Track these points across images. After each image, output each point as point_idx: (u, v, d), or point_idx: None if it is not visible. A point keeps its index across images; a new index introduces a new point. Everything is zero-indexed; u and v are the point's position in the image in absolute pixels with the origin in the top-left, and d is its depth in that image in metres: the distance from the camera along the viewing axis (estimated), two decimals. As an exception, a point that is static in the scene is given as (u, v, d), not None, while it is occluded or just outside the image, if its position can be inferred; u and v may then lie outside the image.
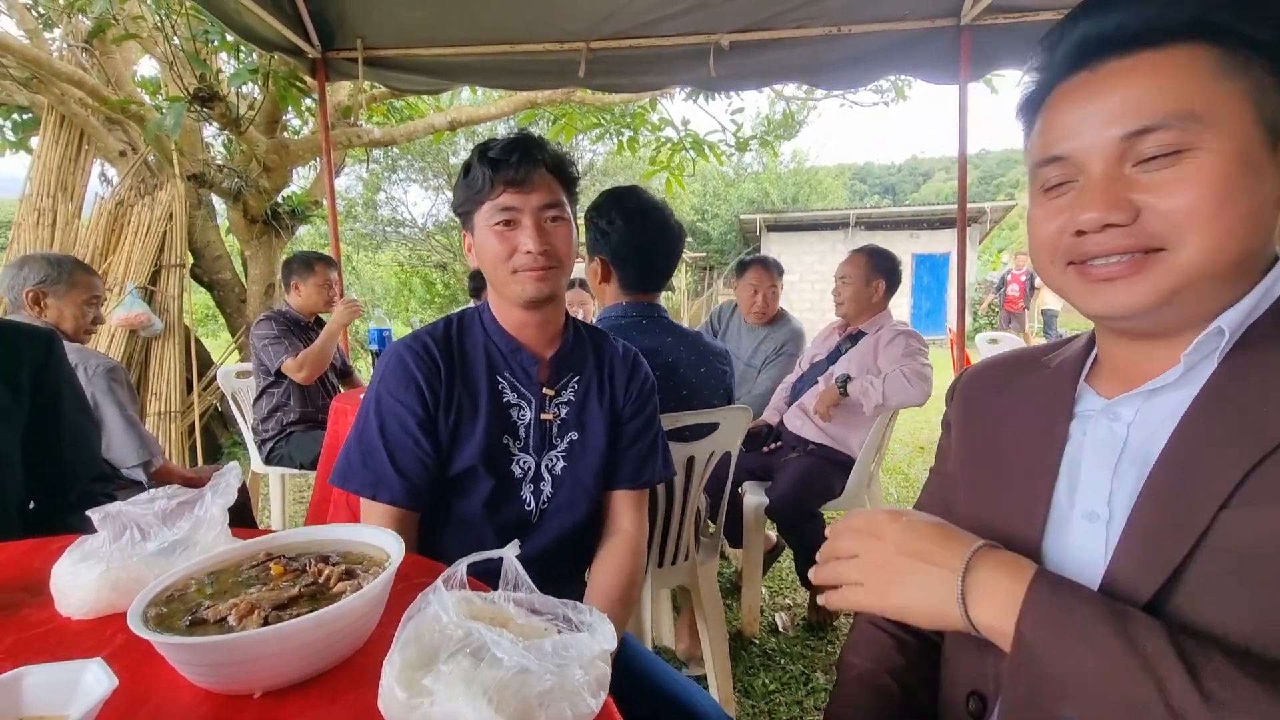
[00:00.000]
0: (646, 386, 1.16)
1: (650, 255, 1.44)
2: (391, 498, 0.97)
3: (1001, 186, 39.74)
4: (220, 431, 4.58)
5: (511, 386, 1.06)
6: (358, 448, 1.00)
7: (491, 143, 1.00)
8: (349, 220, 13.71)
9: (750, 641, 2.14)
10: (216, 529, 0.73)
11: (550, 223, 1.01)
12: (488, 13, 2.73)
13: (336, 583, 0.58)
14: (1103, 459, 0.58)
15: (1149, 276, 0.52)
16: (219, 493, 0.74)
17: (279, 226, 4.71)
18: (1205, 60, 0.50)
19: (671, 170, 5.02)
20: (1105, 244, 0.53)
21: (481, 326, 1.09)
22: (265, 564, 0.63)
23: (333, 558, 0.63)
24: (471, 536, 1.04)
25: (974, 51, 2.68)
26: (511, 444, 1.04)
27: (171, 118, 3.19)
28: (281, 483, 2.97)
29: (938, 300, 15.14)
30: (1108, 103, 0.52)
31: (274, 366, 2.65)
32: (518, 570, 0.57)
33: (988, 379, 0.75)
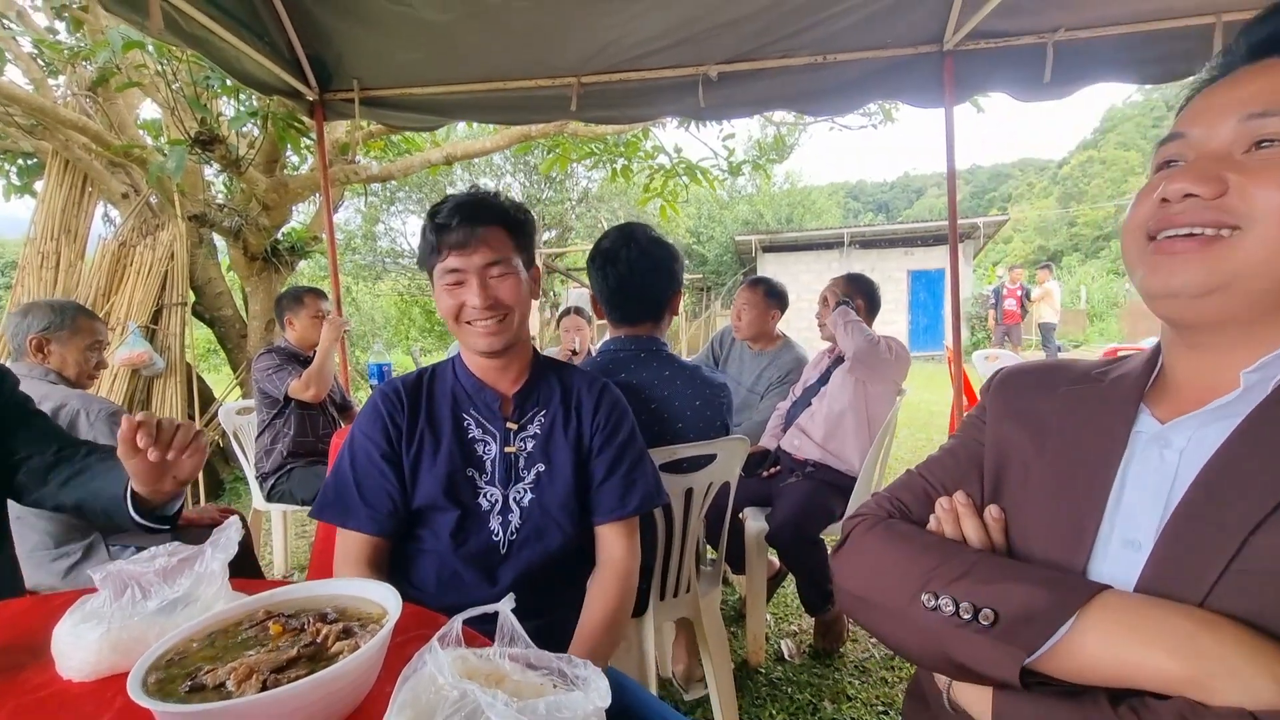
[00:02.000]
0: (615, 414, 1.18)
1: (619, 295, 1.49)
2: (358, 525, 1.05)
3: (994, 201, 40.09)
4: (222, 468, 4.58)
5: (477, 422, 1.12)
6: (333, 482, 1.10)
7: (440, 206, 1.08)
8: (348, 252, 13.85)
9: (756, 671, 2.11)
10: (217, 584, 0.74)
11: (495, 279, 1.07)
12: (480, 53, 2.79)
13: (334, 642, 0.59)
14: (1152, 488, 0.57)
15: (1209, 258, 0.53)
16: (219, 548, 0.75)
17: (279, 262, 4.76)
18: None
19: (665, 196, 5.08)
20: (1185, 214, 0.54)
21: (452, 371, 1.17)
22: (264, 624, 0.64)
23: (330, 615, 0.64)
24: (445, 567, 1.09)
25: (958, 76, 2.73)
26: (477, 477, 1.10)
27: (174, 161, 3.24)
28: (283, 520, 2.97)
29: (934, 316, 15.19)
30: (1244, 91, 0.54)
31: (280, 392, 2.70)
32: (514, 625, 0.58)
33: (1031, 380, 0.72)
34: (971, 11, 2.50)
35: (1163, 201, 0.55)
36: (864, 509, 0.73)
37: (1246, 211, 0.51)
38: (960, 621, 0.55)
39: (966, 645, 0.55)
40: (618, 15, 2.53)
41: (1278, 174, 0.50)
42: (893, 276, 14.96)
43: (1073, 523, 0.60)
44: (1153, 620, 0.50)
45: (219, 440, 4.39)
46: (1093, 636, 0.51)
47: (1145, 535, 0.55)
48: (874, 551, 0.66)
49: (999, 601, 0.54)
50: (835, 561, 0.69)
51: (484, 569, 1.09)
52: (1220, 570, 0.50)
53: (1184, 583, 0.51)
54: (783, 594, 2.63)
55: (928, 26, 2.65)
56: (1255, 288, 0.52)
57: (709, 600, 1.68)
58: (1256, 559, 0.49)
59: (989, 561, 0.59)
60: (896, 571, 0.62)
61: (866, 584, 0.65)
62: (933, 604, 0.57)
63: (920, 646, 0.59)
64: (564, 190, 14.99)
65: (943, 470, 0.73)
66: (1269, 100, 0.51)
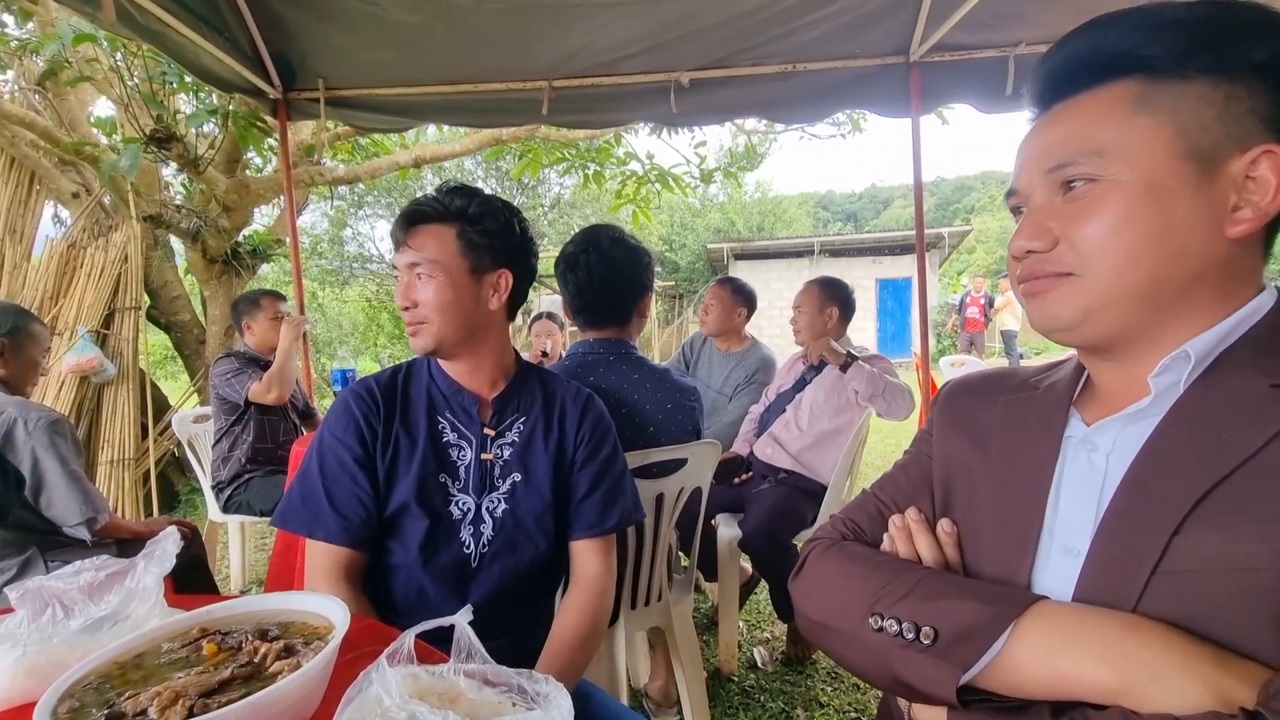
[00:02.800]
0: (599, 428, 1.15)
1: (581, 299, 1.47)
2: (327, 535, 0.98)
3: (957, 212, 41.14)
4: (177, 478, 4.41)
5: (452, 426, 1.07)
6: (299, 487, 1.02)
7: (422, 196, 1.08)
8: (314, 257, 13.54)
9: (728, 679, 2.09)
10: (150, 601, 0.68)
11: (419, 279, 1.03)
12: (450, 54, 2.75)
13: (273, 661, 0.54)
14: (1085, 492, 0.57)
15: (1064, 294, 0.56)
16: (153, 561, 0.70)
17: (240, 266, 4.62)
18: (1128, 95, 0.53)
19: (638, 202, 5.07)
20: (1031, 268, 0.58)
21: (428, 370, 1.11)
22: (198, 642, 0.59)
23: (271, 632, 0.59)
24: (413, 583, 1.03)
25: (924, 87, 2.79)
26: (450, 484, 1.04)
27: (128, 159, 3.12)
28: (241, 531, 2.86)
29: (902, 324, 15.48)
30: (1042, 142, 0.57)
31: (240, 397, 2.60)
32: (470, 639, 0.54)
33: (974, 391, 0.73)
34: (936, 24, 2.55)
35: (1014, 258, 0.59)
36: (820, 532, 0.74)
37: (1078, 260, 0.54)
38: (904, 641, 0.55)
39: (910, 665, 0.55)
40: (590, 20, 2.52)
41: (1089, 215, 0.53)
42: (861, 285, 15.20)
43: (1015, 532, 0.60)
44: (1084, 629, 0.50)
45: (174, 450, 4.22)
46: (1028, 650, 0.51)
47: (1082, 541, 0.56)
48: (827, 575, 0.67)
49: (939, 619, 0.54)
50: (793, 587, 0.70)
51: (453, 584, 1.03)
52: (1149, 573, 0.50)
53: (1117, 588, 0.52)
54: (755, 601, 2.61)
55: (894, 38, 2.70)
56: (1120, 311, 0.54)
57: (681, 608, 1.66)
58: (1180, 560, 0.49)
59: (933, 579, 0.59)
60: (847, 594, 0.62)
61: (821, 608, 0.65)
62: (879, 625, 0.58)
63: (872, 668, 0.59)
64: (536, 196, 14.92)
65: (895, 488, 0.74)
66: (1061, 153, 0.55)
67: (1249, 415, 0.50)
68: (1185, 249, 0.51)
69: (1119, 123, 0.52)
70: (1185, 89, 0.51)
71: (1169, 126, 0.51)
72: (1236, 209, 0.51)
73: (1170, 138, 0.51)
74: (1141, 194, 0.51)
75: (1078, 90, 0.55)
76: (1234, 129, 0.50)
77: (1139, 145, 0.51)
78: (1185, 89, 0.51)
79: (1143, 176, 0.51)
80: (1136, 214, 0.51)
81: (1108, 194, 0.52)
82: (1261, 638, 0.46)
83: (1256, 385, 0.50)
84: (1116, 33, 0.53)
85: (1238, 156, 0.50)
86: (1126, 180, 0.52)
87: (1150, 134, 0.51)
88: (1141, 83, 0.52)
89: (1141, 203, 0.51)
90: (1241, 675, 0.44)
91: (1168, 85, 0.51)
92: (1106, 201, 0.52)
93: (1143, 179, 0.51)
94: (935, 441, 0.73)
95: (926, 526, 0.67)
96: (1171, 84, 0.51)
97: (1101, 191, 0.53)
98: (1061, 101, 0.57)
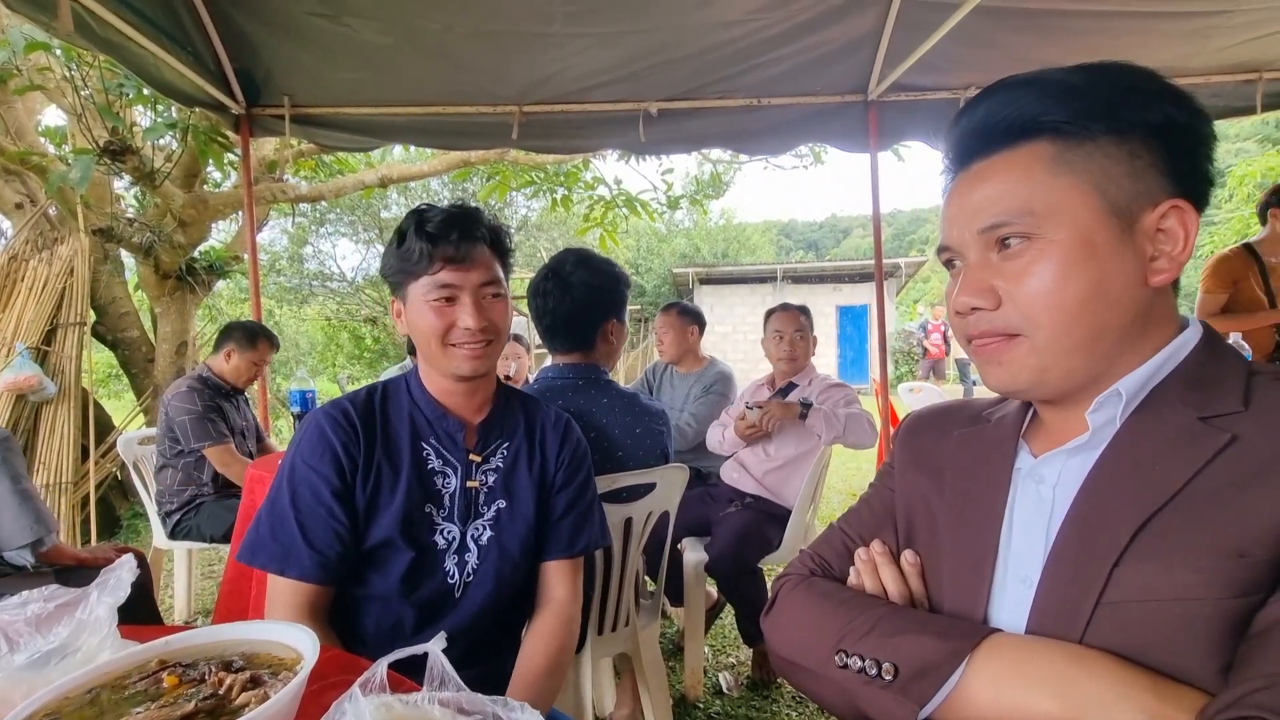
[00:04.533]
0: (579, 452, 1.15)
1: (542, 325, 1.49)
2: (300, 573, 0.92)
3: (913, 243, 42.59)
4: (119, 502, 4.19)
5: (437, 453, 1.03)
6: (268, 519, 0.95)
7: (429, 213, 0.98)
8: (273, 274, 13.22)
9: (694, 705, 2.08)
10: (103, 632, 0.66)
11: (490, 299, 1.00)
12: (419, 76, 2.77)
13: (239, 694, 0.53)
14: (1035, 524, 0.59)
15: (1018, 355, 0.57)
16: (107, 590, 0.67)
17: (195, 282, 4.47)
18: (1045, 155, 0.55)
19: (605, 227, 5.13)
20: (978, 325, 0.59)
21: (408, 392, 1.06)
22: (157, 675, 0.57)
23: (236, 663, 0.57)
24: (389, 614, 0.99)
25: (881, 124, 2.93)
26: (435, 513, 1.01)
27: (78, 170, 3.02)
28: (188, 559, 2.73)
29: (860, 350, 15.87)
30: (971, 200, 0.58)
31: (191, 447, 2.48)
32: (444, 666, 0.54)
33: (931, 425, 0.75)
34: (892, 66, 2.69)
35: (957, 313, 0.60)
36: (790, 568, 0.75)
37: (1024, 321, 0.56)
38: (867, 678, 0.57)
39: (873, 701, 0.56)
40: (561, 49, 2.57)
41: (1029, 273, 0.55)
42: (823, 311, 15.56)
43: (972, 563, 0.62)
44: (1033, 661, 0.52)
45: (116, 473, 4.02)
46: (982, 683, 0.53)
47: (1034, 571, 0.57)
48: (795, 613, 0.68)
49: (899, 655, 0.56)
50: (765, 625, 0.71)
51: (431, 615, 1.00)
52: (1093, 605, 0.52)
53: (1065, 619, 0.54)
54: (720, 626, 2.61)
55: (853, 78, 2.84)
56: (1070, 365, 0.56)
57: (648, 634, 1.65)
58: (1122, 591, 0.51)
59: (893, 616, 0.61)
60: (814, 632, 0.64)
61: (790, 647, 0.66)
62: (843, 662, 0.59)
63: (839, 704, 0.60)
64: (503, 219, 14.88)
65: (860, 522, 0.76)
66: (994, 214, 0.56)
67: (1179, 448, 0.52)
68: (1120, 299, 0.54)
69: (1043, 183, 0.54)
70: (1094, 149, 0.54)
71: (1089, 185, 0.54)
72: (1154, 259, 0.54)
73: (1093, 195, 0.53)
74: (1078, 250, 0.53)
75: (994, 150, 0.57)
76: (1142, 185, 0.53)
77: (1066, 204, 0.54)
78: (1094, 149, 0.54)
79: (1076, 233, 0.54)
80: (1075, 270, 0.53)
81: (1045, 252, 0.54)
82: (1199, 666, 0.48)
83: (1185, 419, 0.53)
84: (1025, 97, 0.56)
85: (1149, 211, 0.54)
86: (1061, 238, 0.54)
87: (1075, 192, 0.54)
88: (1054, 143, 0.55)
89: (1078, 259, 0.53)
90: (1179, 703, 0.47)
91: (1078, 146, 0.54)
92: (1045, 259, 0.54)
93: (1076, 236, 0.54)
94: (897, 476, 0.75)
95: (890, 559, 0.69)
96: (1081, 144, 0.54)
97: (1039, 250, 0.54)
98: (979, 160, 0.59)
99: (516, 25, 2.45)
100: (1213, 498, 0.50)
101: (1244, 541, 0.48)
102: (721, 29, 2.48)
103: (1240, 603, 0.47)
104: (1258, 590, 0.47)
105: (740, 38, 2.53)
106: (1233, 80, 2.87)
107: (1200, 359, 0.56)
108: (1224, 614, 0.47)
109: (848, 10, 2.44)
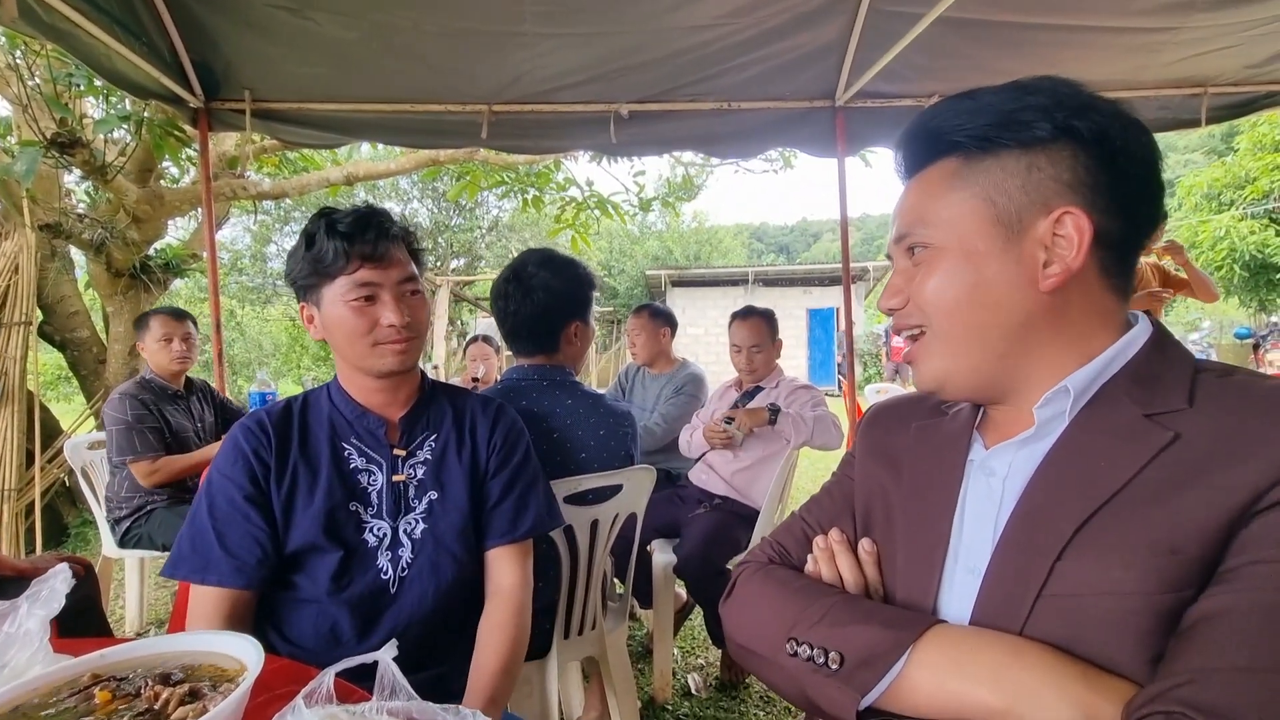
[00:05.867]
0: (511, 434, 1.14)
1: (506, 327, 1.49)
2: (219, 579, 0.92)
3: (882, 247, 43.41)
4: (67, 510, 4.02)
5: (359, 452, 1.04)
6: (189, 533, 0.96)
7: (337, 214, 0.99)
8: (234, 273, 12.86)
9: (663, 708, 2.07)
10: (33, 647, 0.62)
11: (409, 296, 1.03)
12: (386, 73, 2.71)
13: (176, 708, 0.51)
14: (984, 514, 0.61)
15: (923, 353, 0.64)
16: (39, 602, 0.64)
17: (150, 280, 4.32)
18: (949, 171, 0.60)
19: (577, 228, 5.11)
20: (897, 324, 0.66)
21: (328, 398, 1.08)
22: (89, 690, 0.54)
23: (174, 676, 0.55)
24: (325, 618, 0.98)
25: (848, 130, 2.97)
26: (363, 511, 1.01)
27: (24, 163, 2.88)
28: (140, 568, 2.63)
29: (829, 352, 16.10)
30: (896, 212, 0.66)
31: (117, 459, 2.37)
32: (394, 675, 0.53)
33: (892, 416, 0.77)
34: (858, 74, 2.73)
35: (887, 314, 0.68)
36: (750, 555, 0.77)
37: (921, 315, 0.62)
38: (815, 666, 0.58)
39: (819, 688, 0.58)
40: (530, 49, 2.55)
41: (923, 276, 0.61)
42: (793, 314, 15.74)
43: (924, 554, 0.63)
44: (972, 652, 0.54)
45: (64, 479, 3.86)
46: (923, 673, 0.54)
47: (982, 563, 0.59)
48: (752, 600, 0.70)
49: (845, 645, 0.58)
50: (723, 611, 0.72)
51: (368, 614, 0.99)
52: (1034, 597, 0.54)
53: (1007, 610, 0.55)
54: (689, 627, 2.61)
55: (821, 84, 2.87)
56: (968, 365, 0.61)
57: (615, 637, 1.64)
58: (1062, 585, 0.53)
59: (843, 605, 0.62)
60: (769, 619, 0.65)
61: (747, 633, 0.68)
62: (793, 650, 0.61)
63: (791, 691, 0.62)
64: (474, 218, 14.75)
65: (820, 510, 0.78)
66: (903, 225, 0.63)
67: (1123, 445, 0.54)
68: (999, 302, 0.58)
69: (940, 196, 0.60)
70: (994, 163, 0.58)
71: (978, 198, 0.58)
72: (1047, 264, 0.57)
73: (979, 207, 0.58)
74: (958, 256, 0.59)
75: (920, 168, 0.64)
76: (1035, 195, 0.57)
77: (953, 215, 0.59)
78: (994, 163, 0.58)
79: (958, 242, 0.59)
80: (954, 273, 0.59)
81: (933, 257, 0.60)
82: (1130, 658, 0.50)
83: (1131, 416, 0.55)
84: (941, 118, 0.61)
85: (1042, 218, 0.56)
86: (946, 245, 0.60)
87: (962, 205, 0.59)
88: (960, 159, 0.60)
89: (957, 264, 0.59)
90: (1109, 694, 0.48)
91: (980, 160, 0.59)
92: (933, 264, 0.60)
93: (958, 243, 0.59)
94: (857, 465, 0.77)
95: (848, 547, 0.70)
96: (984, 159, 0.58)
97: (930, 256, 0.61)
98: (912, 178, 0.65)
99: (486, 24, 2.42)
100: (1152, 496, 0.51)
101: (1177, 538, 0.49)
102: (692, 33, 2.49)
103: (1170, 598, 0.49)
104: (1188, 586, 0.49)
105: (710, 41, 2.54)
106: (1180, 94, 2.98)
107: (1148, 357, 0.58)
108: (1154, 609, 0.49)
109: (816, 18, 2.47)
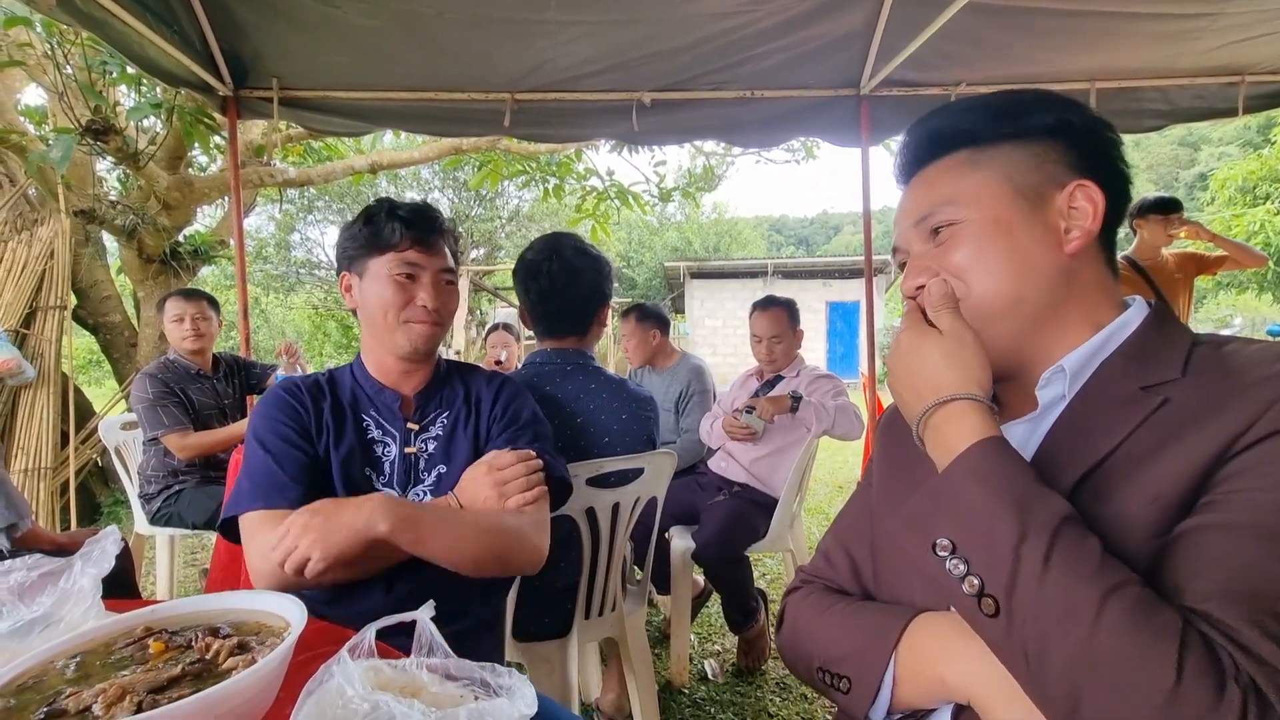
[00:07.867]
0: (515, 402, 1.18)
1: (542, 308, 1.48)
2: (290, 502, 0.95)
3: (904, 240, 42.82)
4: (100, 489, 4.14)
5: (376, 423, 1.11)
6: (246, 475, 1.01)
7: (398, 203, 1.10)
8: (259, 261, 13.07)
9: (679, 692, 2.09)
10: (86, 603, 0.65)
11: (445, 285, 1.11)
12: (410, 61, 2.73)
13: (226, 658, 0.53)
14: None
15: None
16: (91, 561, 0.67)
17: (179, 266, 4.41)
18: (962, 160, 0.66)
19: (597, 218, 5.11)
20: (922, 302, 0.67)
21: (351, 374, 1.16)
22: (143, 641, 0.56)
23: (223, 630, 0.57)
24: None
25: (873, 119, 2.93)
26: (375, 479, 1.07)
27: (59, 150, 2.96)
28: (170, 545, 2.70)
29: (850, 345, 15.96)
30: (907, 204, 0.70)
31: (148, 435, 2.44)
32: (432, 633, 0.54)
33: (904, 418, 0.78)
34: (884, 61, 2.70)
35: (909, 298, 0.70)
36: (796, 580, 0.82)
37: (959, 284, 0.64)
38: (836, 690, 0.65)
39: (845, 710, 0.65)
40: (552, 37, 2.55)
41: (954, 248, 0.65)
42: (812, 307, 15.62)
43: None
44: (951, 641, 0.58)
45: (97, 459, 3.97)
46: (905, 678, 0.60)
47: None
48: (791, 631, 0.76)
49: (848, 666, 0.65)
50: (778, 640, 0.78)
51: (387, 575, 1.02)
52: None
53: None
54: (706, 614, 2.63)
55: (846, 72, 2.84)
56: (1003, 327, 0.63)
57: (634, 620, 1.66)
58: None
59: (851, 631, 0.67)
60: (803, 651, 0.72)
61: (791, 660, 0.75)
62: (821, 678, 0.68)
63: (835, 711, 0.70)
64: (494, 208, 14.81)
65: (843, 524, 0.82)
66: (924, 207, 0.67)
67: (1117, 414, 0.56)
68: (1033, 265, 0.62)
69: (962, 177, 0.65)
70: (1002, 151, 0.64)
71: (999, 175, 0.64)
72: (1068, 231, 0.62)
73: (1002, 183, 0.63)
74: (990, 226, 0.63)
75: (926, 163, 0.69)
76: (1047, 174, 0.63)
77: (980, 191, 0.64)
78: (1002, 151, 0.64)
79: (988, 213, 0.63)
80: (988, 242, 0.63)
81: (964, 230, 0.64)
82: None
83: (1128, 389, 0.57)
84: (947, 119, 0.67)
85: (1058, 192, 0.62)
86: (976, 218, 0.64)
87: (987, 182, 0.64)
88: (968, 151, 0.66)
89: (990, 233, 0.63)
90: None
91: (989, 149, 0.65)
92: (964, 236, 0.64)
93: (988, 215, 0.63)
94: (874, 468, 0.80)
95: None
96: (991, 149, 0.65)
97: (959, 230, 0.64)
98: (917, 174, 0.70)
99: (509, 12, 2.42)
100: (1141, 455, 0.54)
101: (1160, 487, 0.51)
102: (714, 20, 2.47)
103: (1156, 543, 0.51)
104: (1170, 531, 0.51)
105: (733, 30, 2.52)
106: (1216, 82, 2.90)
107: (1146, 334, 0.61)
108: (1145, 559, 0.51)
109: (841, 4, 2.44)
